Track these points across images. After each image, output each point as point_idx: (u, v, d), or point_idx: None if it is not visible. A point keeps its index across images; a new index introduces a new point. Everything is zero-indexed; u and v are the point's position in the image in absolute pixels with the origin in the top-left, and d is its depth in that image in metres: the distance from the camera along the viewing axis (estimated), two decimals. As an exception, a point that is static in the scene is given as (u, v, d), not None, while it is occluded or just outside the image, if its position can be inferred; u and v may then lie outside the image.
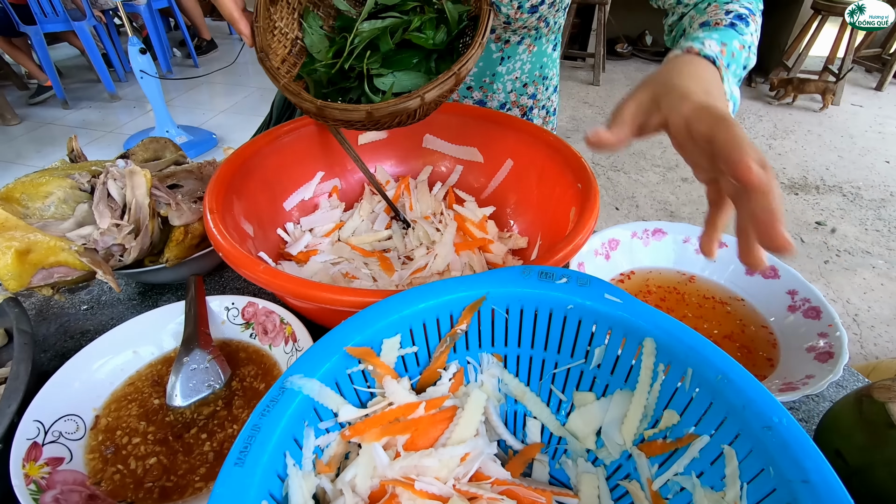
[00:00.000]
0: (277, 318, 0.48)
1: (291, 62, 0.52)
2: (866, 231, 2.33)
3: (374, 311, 0.36)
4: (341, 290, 0.39)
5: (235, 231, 0.51)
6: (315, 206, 0.69)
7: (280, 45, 0.50)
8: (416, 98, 0.42)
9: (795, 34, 3.37)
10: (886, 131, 3.08)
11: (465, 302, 0.39)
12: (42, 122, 3.22)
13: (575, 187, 0.55)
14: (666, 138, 0.36)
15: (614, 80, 3.78)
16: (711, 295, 0.55)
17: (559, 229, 0.57)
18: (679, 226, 0.59)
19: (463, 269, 0.60)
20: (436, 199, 0.69)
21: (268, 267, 0.41)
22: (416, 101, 0.42)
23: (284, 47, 0.51)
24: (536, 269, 0.39)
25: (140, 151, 0.61)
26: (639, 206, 2.43)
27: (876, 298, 2.01)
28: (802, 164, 2.76)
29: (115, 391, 0.44)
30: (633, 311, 0.36)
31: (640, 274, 0.58)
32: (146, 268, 0.52)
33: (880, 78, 3.52)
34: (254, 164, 0.58)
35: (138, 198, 0.47)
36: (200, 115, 3.30)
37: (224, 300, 0.49)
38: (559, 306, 0.38)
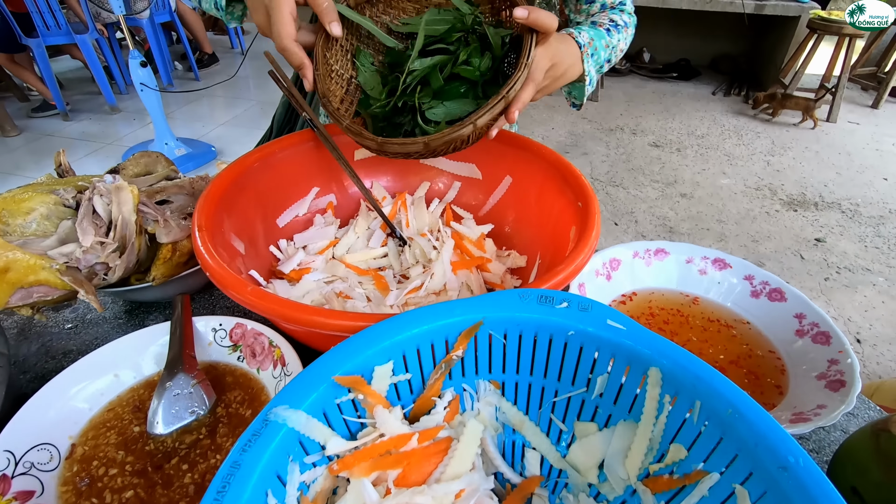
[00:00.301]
0: (266, 341, 0.46)
1: (348, 101, 0.54)
2: (866, 248, 2.32)
3: (365, 336, 0.35)
4: (331, 313, 0.38)
5: (225, 249, 0.49)
6: (309, 223, 0.67)
7: (337, 87, 0.52)
8: (468, 125, 0.43)
9: (792, 52, 3.40)
10: (884, 149, 3.09)
11: (462, 327, 0.37)
12: (42, 134, 3.22)
13: (575, 205, 0.54)
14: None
15: (612, 97, 3.80)
16: (716, 317, 0.54)
17: (559, 248, 0.55)
18: (681, 245, 0.58)
19: (460, 289, 0.58)
20: (433, 216, 0.68)
21: (256, 288, 0.40)
22: (469, 129, 0.43)
23: (341, 87, 0.53)
24: (535, 293, 0.38)
25: (131, 166, 0.59)
26: (637, 221, 2.42)
27: (877, 316, 1.99)
28: (801, 180, 2.77)
29: (94, 418, 0.42)
30: (637, 339, 0.34)
31: (643, 295, 0.56)
32: (132, 286, 0.51)
33: (876, 96, 3.55)
34: (246, 180, 0.57)
35: (125, 214, 0.46)
36: (200, 127, 3.30)
37: (211, 321, 0.48)
38: (559, 332, 0.37)
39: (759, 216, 2.49)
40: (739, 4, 3.30)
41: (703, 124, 3.38)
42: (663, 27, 4.07)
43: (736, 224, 2.43)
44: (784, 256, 2.24)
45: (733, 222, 2.44)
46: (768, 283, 0.53)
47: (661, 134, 3.25)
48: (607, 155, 3.01)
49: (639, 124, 3.38)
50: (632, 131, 3.29)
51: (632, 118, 3.47)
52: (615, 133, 3.27)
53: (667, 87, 3.99)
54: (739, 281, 0.54)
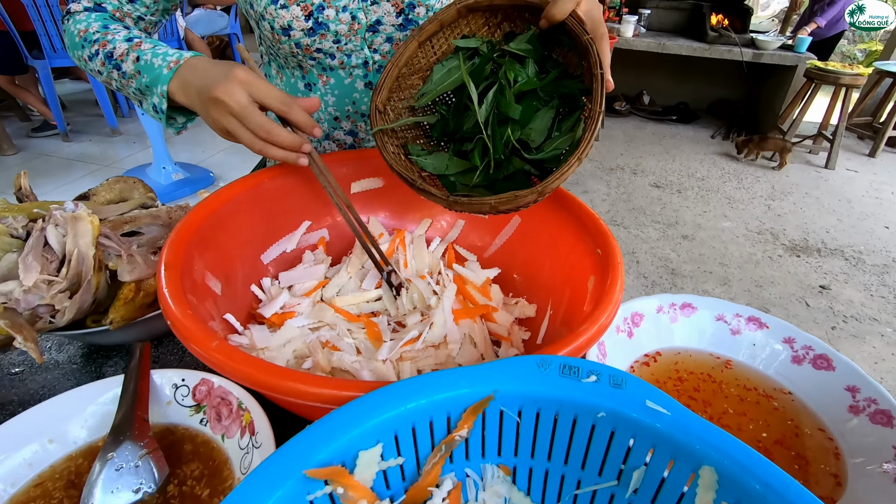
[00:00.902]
0: (235, 402, 0.39)
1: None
2: (871, 297, 2.27)
3: (349, 412, 0.28)
4: (310, 379, 0.31)
5: (196, 290, 0.43)
6: (298, 260, 0.61)
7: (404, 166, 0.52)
8: (533, 194, 0.42)
9: (789, 100, 3.45)
10: (883, 197, 3.09)
11: (468, 401, 0.31)
12: (39, 154, 3.19)
13: (593, 253, 0.48)
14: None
15: (613, 136, 3.83)
16: (753, 385, 0.47)
17: (574, 299, 0.49)
18: (710, 300, 0.52)
19: (462, 341, 0.52)
20: (433, 257, 0.62)
21: (222, 343, 0.33)
22: (534, 196, 0.42)
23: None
24: (557, 362, 0.31)
25: (103, 192, 0.54)
26: (639, 261, 2.38)
27: (888, 369, 1.92)
28: (802, 225, 2.74)
29: (16, 496, 0.34)
30: (684, 427, 0.28)
31: (668, 356, 0.50)
32: (87, 329, 0.44)
33: (873, 145, 3.59)
34: (228, 212, 0.51)
35: (81, 247, 0.40)
36: (200, 152, 3.29)
37: (173, 375, 0.41)
38: (586, 412, 0.30)
39: (763, 261, 2.44)
40: (738, 53, 3.37)
41: (703, 167, 3.39)
42: (663, 71, 4.15)
43: (739, 268, 2.38)
44: (789, 303, 2.19)
45: (736, 266, 2.39)
46: (812, 348, 0.47)
47: (662, 175, 3.25)
48: (608, 194, 2.99)
49: (639, 164, 3.39)
50: (632, 171, 3.29)
51: (632, 158, 3.48)
52: (616, 172, 3.27)
53: (666, 129, 4.03)
54: (778, 343, 0.48)
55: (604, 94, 0.42)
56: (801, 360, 0.47)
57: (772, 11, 7.76)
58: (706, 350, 0.50)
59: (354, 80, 0.69)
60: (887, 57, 3.82)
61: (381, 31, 0.65)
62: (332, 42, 0.64)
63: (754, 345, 0.49)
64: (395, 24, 0.65)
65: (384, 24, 0.65)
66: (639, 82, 4.24)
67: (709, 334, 0.51)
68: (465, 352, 0.51)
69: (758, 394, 0.46)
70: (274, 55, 0.71)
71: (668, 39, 3.58)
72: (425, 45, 0.54)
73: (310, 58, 0.66)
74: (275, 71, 0.74)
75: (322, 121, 0.74)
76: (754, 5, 5.69)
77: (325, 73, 0.69)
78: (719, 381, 0.48)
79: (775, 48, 3.39)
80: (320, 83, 0.70)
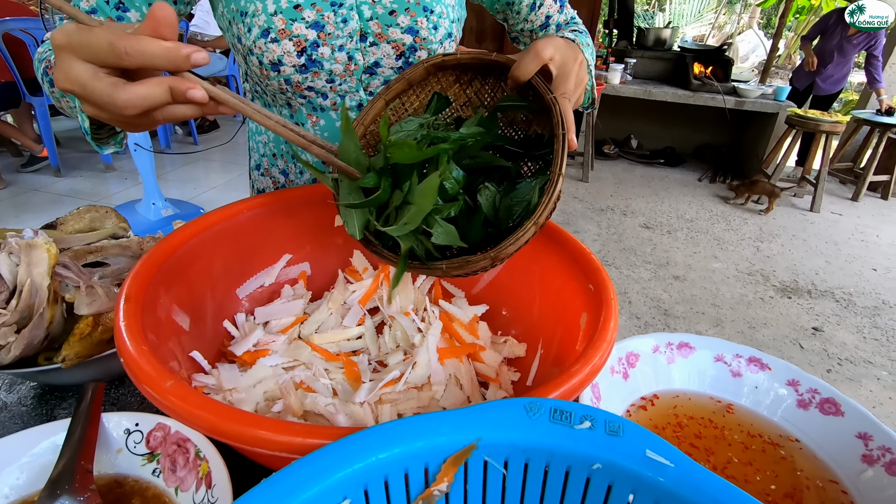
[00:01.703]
0: (193, 449, 0.35)
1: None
2: (864, 339, 2.25)
3: (312, 463, 0.25)
4: (270, 425, 0.28)
5: (159, 326, 0.40)
6: (276, 295, 0.58)
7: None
8: (486, 259, 0.40)
9: (772, 145, 3.56)
10: (868, 240, 3.14)
11: (448, 450, 0.27)
12: (28, 189, 3.17)
13: (585, 289, 0.46)
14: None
15: (602, 178, 3.89)
16: (758, 432, 0.44)
17: (566, 338, 0.47)
18: (709, 340, 0.49)
19: (447, 383, 0.48)
20: (419, 293, 0.59)
21: (178, 384, 0.30)
22: (487, 262, 0.40)
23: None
24: (547, 406, 0.29)
25: (72, 221, 0.51)
26: (631, 302, 2.36)
27: (887, 413, 1.88)
28: (792, 267, 2.76)
29: (-72, 561, 0.30)
30: (690, 481, 0.25)
31: (667, 399, 0.47)
32: (38, 367, 0.40)
33: (855, 189, 3.68)
34: (202, 243, 0.49)
35: (35, 277, 0.37)
36: (192, 189, 3.28)
37: (126, 419, 0.37)
38: (580, 463, 0.27)
39: (754, 302, 2.44)
40: (721, 100, 3.49)
41: (692, 208, 3.43)
42: (649, 117, 4.28)
43: (731, 309, 2.37)
44: (784, 345, 2.16)
45: (728, 307, 2.38)
46: (818, 392, 0.44)
47: (651, 216, 3.29)
48: (599, 234, 3.01)
49: (629, 206, 3.43)
50: (622, 212, 3.33)
51: (622, 199, 3.53)
52: (606, 213, 3.30)
53: (655, 171, 4.11)
54: (782, 386, 0.45)
55: (565, 154, 0.40)
56: (807, 405, 0.44)
57: (751, 63, 8.16)
58: (706, 393, 0.47)
59: None
60: (863, 106, 3.98)
61: (378, 74, 0.63)
62: (325, 81, 0.62)
63: (757, 388, 0.47)
64: (394, 67, 0.63)
65: (382, 67, 0.63)
66: (627, 127, 4.36)
67: (709, 376, 0.48)
68: (450, 394, 0.48)
69: (763, 441, 0.43)
70: (261, 92, 0.67)
71: (654, 87, 3.72)
72: (394, 103, 0.52)
73: (300, 95, 0.63)
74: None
75: (311, 162, 0.70)
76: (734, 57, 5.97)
77: (315, 113, 0.66)
78: (721, 426, 0.44)
79: (756, 96, 3.52)
80: (309, 123, 0.67)
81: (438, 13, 0.62)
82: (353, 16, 0.59)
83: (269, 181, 0.76)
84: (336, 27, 0.59)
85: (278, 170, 0.74)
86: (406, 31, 0.61)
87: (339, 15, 0.59)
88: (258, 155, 0.76)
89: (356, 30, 0.60)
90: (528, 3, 0.71)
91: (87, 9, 0.53)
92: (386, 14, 0.60)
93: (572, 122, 0.42)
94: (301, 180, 0.74)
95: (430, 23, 0.62)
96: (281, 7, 0.57)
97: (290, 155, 0.71)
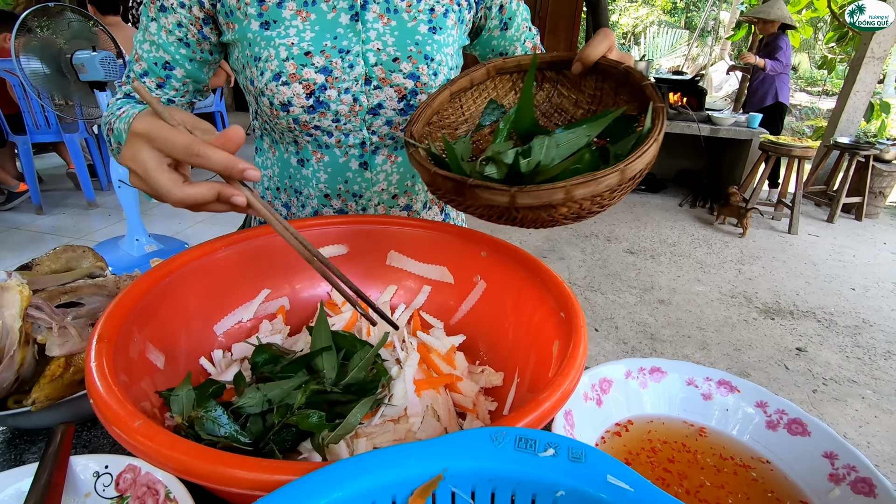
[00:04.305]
0: (163, 491, 0.35)
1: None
2: (847, 358, 2.28)
3: (278, 499, 0.25)
4: (241, 462, 0.28)
5: (132, 366, 0.40)
6: (255, 331, 0.58)
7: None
8: (614, 173, 0.35)
9: (748, 170, 3.67)
10: (846, 260, 3.21)
11: (416, 482, 0.28)
12: (9, 227, 3.13)
13: (557, 316, 0.47)
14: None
15: (586, 205, 3.97)
16: (730, 455, 0.45)
17: (540, 365, 0.47)
18: (679, 364, 0.50)
19: (424, 414, 0.49)
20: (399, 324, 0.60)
21: (146, 424, 0.30)
22: (616, 177, 0.36)
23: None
24: (512, 434, 0.29)
25: (48, 261, 0.51)
26: (618, 327, 2.37)
27: (873, 433, 1.89)
28: (773, 288, 2.80)
29: None
30: (649, 505, 0.25)
31: (640, 424, 0.47)
32: (7, 411, 0.40)
33: (830, 211, 3.79)
34: (178, 280, 0.49)
35: (6, 319, 0.37)
36: (176, 224, 3.27)
37: (95, 461, 0.37)
38: (545, 491, 0.28)
39: (738, 324, 2.46)
40: (696, 128, 3.62)
41: (674, 233, 3.50)
42: (629, 145, 4.39)
43: (716, 332, 2.39)
44: (769, 366, 2.18)
45: (713, 329, 2.40)
46: (785, 413, 0.45)
47: (635, 241, 3.34)
48: (584, 260, 3.04)
49: (612, 231, 3.49)
50: (606, 238, 3.38)
51: (605, 225, 3.59)
52: (590, 239, 3.35)
53: (636, 197, 4.20)
54: (752, 408, 0.46)
55: (664, 115, 0.40)
56: (775, 426, 0.45)
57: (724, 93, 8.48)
58: (679, 417, 0.48)
59: (350, 159, 0.69)
60: (832, 132, 4.15)
61: (381, 115, 0.67)
62: (331, 121, 0.65)
63: (727, 410, 0.47)
64: (395, 109, 0.66)
65: (385, 108, 0.66)
66: (607, 155, 4.47)
67: (679, 399, 0.49)
68: (426, 426, 0.48)
69: (735, 464, 0.44)
70: (269, 130, 0.71)
71: (631, 116, 3.83)
72: (455, 99, 0.53)
73: (307, 133, 0.67)
74: (267, 145, 0.75)
75: (312, 197, 0.73)
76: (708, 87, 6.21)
77: (320, 149, 0.69)
78: (694, 450, 0.45)
79: (729, 124, 3.66)
80: (314, 159, 0.70)
81: (438, 61, 0.66)
82: (360, 62, 0.63)
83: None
84: (343, 72, 0.63)
85: (281, 203, 0.77)
86: (408, 77, 0.64)
87: (346, 61, 0.62)
88: (262, 188, 0.79)
89: (362, 74, 0.64)
90: (520, 52, 0.76)
91: (140, 72, 0.64)
92: (389, 61, 0.64)
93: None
94: (302, 213, 0.76)
95: (431, 69, 0.65)
96: (293, 54, 0.61)
97: (293, 189, 0.74)
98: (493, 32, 0.75)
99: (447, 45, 0.67)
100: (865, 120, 5.16)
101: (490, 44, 0.77)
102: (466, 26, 0.73)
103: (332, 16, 0.62)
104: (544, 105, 0.54)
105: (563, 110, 0.54)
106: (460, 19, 0.70)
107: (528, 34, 0.78)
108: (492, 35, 0.76)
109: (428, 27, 0.65)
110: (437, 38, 0.66)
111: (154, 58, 0.63)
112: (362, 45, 0.63)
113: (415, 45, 0.64)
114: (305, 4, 0.62)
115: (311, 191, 0.72)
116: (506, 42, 0.77)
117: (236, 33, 0.63)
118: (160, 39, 0.63)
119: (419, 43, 0.64)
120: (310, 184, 0.71)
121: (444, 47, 0.67)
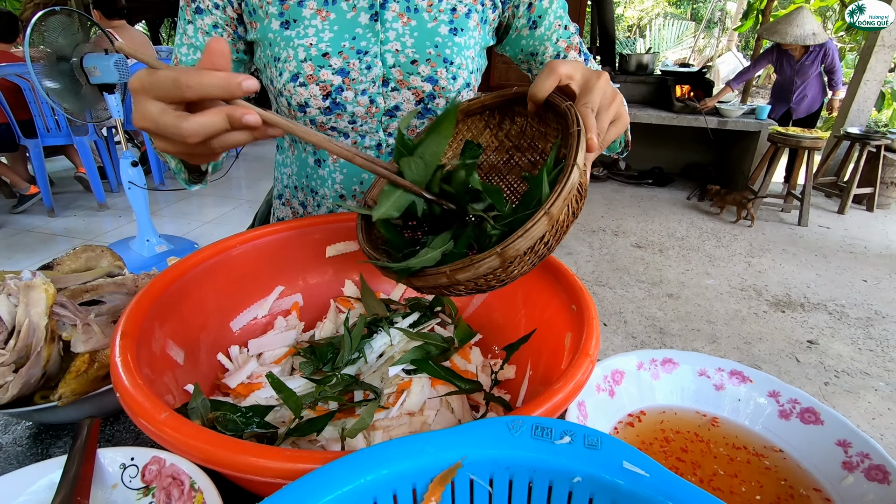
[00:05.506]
0: (187, 481, 0.36)
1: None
2: (860, 350, 2.26)
3: (300, 489, 0.26)
4: (264, 451, 0.29)
5: (154, 361, 0.41)
6: (270, 327, 0.59)
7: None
8: (492, 256, 0.35)
9: (757, 162, 3.64)
10: (857, 251, 3.18)
11: (434, 470, 0.28)
12: (22, 229, 3.18)
13: (568, 309, 0.48)
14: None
15: (592, 200, 3.95)
16: (742, 444, 0.45)
17: (553, 358, 0.48)
18: (691, 355, 0.51)
19: (439, 408, 0.49)
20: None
21: (172, 416, 0.31)
22: (494, 259, 0.35)
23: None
24: (529, 423, 0.30)
25: (68, 261, 0.52)
26: (627, 321, 2.36)
27: (887, 425, 1.88)
28: (783, 281, 2.78)
29: None
30: (665, 490, 0.26)
31: (653, 415, 0.48)
32: (34, 406, 0.41)
33: (840, 202, 3.75)
34: (195, 278, 0.50)
35: (33, 318, 0.38)
36: (185, 224, 3.30)
37: (121, 454, 0.38)
38: (562, 477, 0.28)
39: (749, 317, 2.45)
40: (703, 121, 3.59)
41: (682, 227, 3.48)
42: (637, 138, 4.36)
43: (726, 325, 2.38)
44: (780, 359, 2.17)
45: (723, 323, 2.39)
46: (798, 402, 0.45)
47: (643, 235, 3.33)
48: (591, 255, 3.03)
49: (620, 226, 3.47)
50: (613, 233, 3.37)
51: (612, 220, 3.57)
52: (597, 234, 3.34)
53: (644, 192, 4.18)
54: (764, 398, 0.47)
55: (581, 146, 0.36)
56: (788, 415, 0.45)
57: (731, 84, 8.37)
58: (691, 407, 0.48)
59: None
60: (842, 122, 4.10)
61: (398, 117, 0.67)
62: (347, 122, 0.65)
63: (739, 400, 0.48)
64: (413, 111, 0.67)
65: (402, 110, 0.66)
66: (614, 149, 4.45)
67: (692, 390, 0.49)
68: (441, 419, 0.48)
69: (748, 453, 0.44)
70: None
71: (639, 110, 3.82)
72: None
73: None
74: (287, 143, 0.76)
75: (328, 197, 0.74)
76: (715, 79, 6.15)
77: None
78: (707, 440, 0.45)
79: (738, 116, 3.62)
80: (330, 160, 0.70)
81: (458, 64, 0.66)
82: (377, 63, 0.63)
83: (289, 210, 0.80)
84: (360, 73, 0.63)
85: (298, 201, 0.78)
86: (426, 80, 0.64)
87: (364, 62, 0.63)
88: (281, 185, 0.80)
89: (379, 76, 0.64)
90: (551, 53, 0.73)
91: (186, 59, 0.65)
92: (408, 63, 0.64)
93: (593, 125, 0.39)
94: (317, 213, 0.77)
95: (450, 73, 0.65)
96: (311, 55, 0.61)
97: (309, 189, 0.75)
98: (521, 31, 0.73)
99: (468, 47, 0.67)
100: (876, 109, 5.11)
101: (519, 44, 0.74)
102: (490, 26, 0.71)
103: (351, 15, 0.62)
104: (519, 141, 0.51)
105: (535, 146, 0.51)
106: (483, 20, 0.69)
107: (561, 33, 0.74)
108: (520, 34, 0.73)
109: (449, 28, 0.65)
110: (457, 39, 0.65)
111: (193, 60, 0.64)
112: (381, 46, 0.63)
113: (434, 47, 0.64)
114: (326, 3, 0.62)
115: (326, 190, 0.73)
116: (535, 41, 0.73)
117: (258, 32, 0.63)
118: (198, 42, 0.63)
119: (439, 45, 0.64)
120: (325, 183, 0.72)
121: (465, 50, 0.66)
